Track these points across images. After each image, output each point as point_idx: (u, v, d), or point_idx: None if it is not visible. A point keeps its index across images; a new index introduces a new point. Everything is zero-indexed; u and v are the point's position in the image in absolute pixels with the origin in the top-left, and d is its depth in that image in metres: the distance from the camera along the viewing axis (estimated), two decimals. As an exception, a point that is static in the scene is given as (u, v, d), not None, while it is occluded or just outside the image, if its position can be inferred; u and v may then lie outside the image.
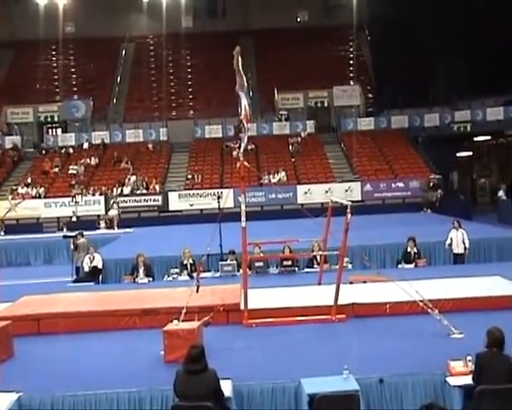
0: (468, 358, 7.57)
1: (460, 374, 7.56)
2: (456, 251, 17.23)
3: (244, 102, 11.44)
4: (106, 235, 25.37)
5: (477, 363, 7.20)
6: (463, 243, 17.13)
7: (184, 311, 9.71)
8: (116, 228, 27.99)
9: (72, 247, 18.82)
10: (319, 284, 13.24)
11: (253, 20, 46.21)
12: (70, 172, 35.50)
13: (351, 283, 12.91)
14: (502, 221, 26.88)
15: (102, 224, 28.08)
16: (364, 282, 13.07)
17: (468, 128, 37.14)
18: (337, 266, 11.67)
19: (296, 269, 16.34)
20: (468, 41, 34.22)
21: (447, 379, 7.60)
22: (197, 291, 10.76)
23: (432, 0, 36.08)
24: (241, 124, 11.62)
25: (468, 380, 7.32)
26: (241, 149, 11.67)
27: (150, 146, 38.27)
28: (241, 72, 11.48)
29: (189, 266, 16.45)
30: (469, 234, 17.51)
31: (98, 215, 31.21)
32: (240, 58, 11.40)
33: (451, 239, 17.20)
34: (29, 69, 44.07)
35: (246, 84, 11.64)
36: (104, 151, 38.10)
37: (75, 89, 44.08)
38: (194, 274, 14.42)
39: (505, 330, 7.28)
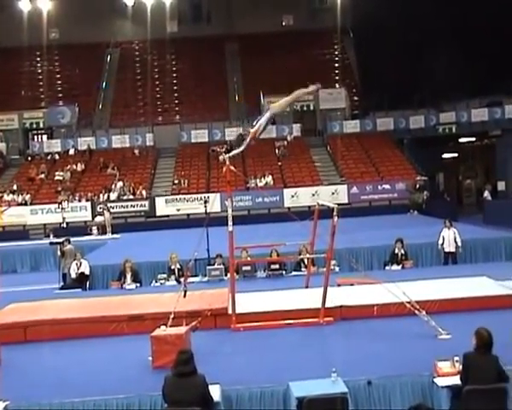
0: (456, 358, 7.60)
1: (447, 375, 7.59)
2: (447, 250, 17.42)
3: (263, 121, 11.40)
4: (93, 241, 25.29)
5: (464, 363, 7.23)
6: (455, 241, 17.32)
7: (172, 316, 9.70)
8: (110, 233, 27.86)
9: (58, 253, 18.74)
10: (306, 287, 13.25)
11: (237, 25, 46.23)
12: (56, 178, 35.37)
13: (338, 285, 12.93)
14: (487, 222, 27.04)
15: (94, 230, 28.03)
16: (352, 284, 13.10)
17: (454, 130, 37.38)
18: (324, 269, 11.69)
19: (283, 273, 16.36)
20: (452, 43, 34.42)
21: (435, 380, 7.63)
22: (184, 296, 10.75)
23: (416, 3, 36.25)
24: (245, 135, 11.61)
25: (456, 380, 7.35)
26: (230, 154, 11.63)
27: (136, 151, 38.20)
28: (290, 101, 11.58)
29: (176, 271, 16.43)
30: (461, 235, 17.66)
31: (85, 221, 31.14)
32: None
33: (443, 238, 17.34)
34: (14, 76, 43.95)
35: (283, 112, 11.77)
36: (90, 157, 37.99)
37: (60, 95, 43.96)
38: (182, 279, 14.38)
39: (492, 330, 7.31)
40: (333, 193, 31.79)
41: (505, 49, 33.12)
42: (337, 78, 43.66)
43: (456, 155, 42.34)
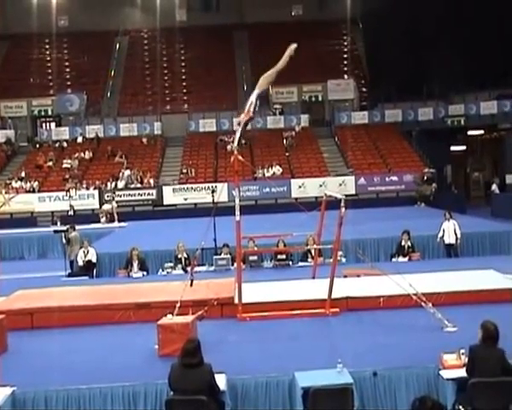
0: (462, 351, 7.59)
1: (453, 367, 7.57)
2: (447, 241, 17.42)
3: (253, 98, 11.39)
4: (100, 229, 25.34)
5: (470, 356, 7.23)
6: (455, 233, 17.31)
7: (178, 305, 9.70)
8: (116, 221, 27.95)
9: (64, 241, 18.79)
10: (313, 277, 13.25)
11: (247, 14, 46.13)
12: (64, 166, 35.45)
13: (345, 276, 12.94)
14: (495, 215, 26.98)
15: (103, 218, 28.14)
16: (358, 276, 13.09)
17: (462, 122, 37.27)
18: (331, 260, 11.68)
19: (290, 263, 16.37)
20: (462, 35, 34.26)
21: (440, 372, 7.62)
22: (191, 285, 10.76)
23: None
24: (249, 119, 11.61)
25: (461, 373, 7.34)
26: (235, 144, 11.60)
27: (144, 140, 38.21)
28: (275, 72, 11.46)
29: (183, 260, 16.46)
30: (463, 227, 17.69)
31: (93, 209, 31.20)
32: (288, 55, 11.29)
33: (443, 231, 17.36)
34: (23, 63, 43.97)
35: (269, 87, 11.59)
36: (98, 145, 38.03)
37: (69, 83, 43.93)
38: (189, 268, 14.41)
39: (498, 323, 7.30)
40: (340, 184, 31.71)
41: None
42: (346, 68, 43.47)
43: (464, 147, 42.19)
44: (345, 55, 44.64)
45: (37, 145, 38.68)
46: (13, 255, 23.29)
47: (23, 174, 34.27)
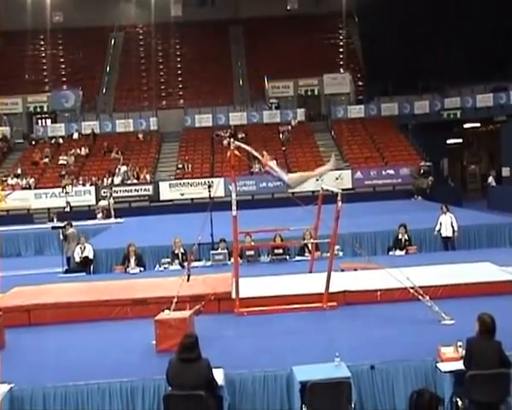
0: (459, 343, 7.60)
1: (450, 360, 7.58)
2: (444, 234, 17.45)
3: (278, 171, 11.21)
4: (97, 225, 25.32)
5: (468, 348, 7.24)
6: (452, 226, 17.34)
7: (176, 300, 9.71)
8: (113, 217, 27.93)
9: (61, 237, 18.78)
10: (310, 271, 13.24)
11: (242, 9, 46.06)
12: (60, 162, 35.42)
13: (342, 270, 12.95)
14: (491, 207, 27.03)
15: (99, 214, 28.12)
16: (355, 269, 13.10)
17: (458, 115, 37.31)
18: (328, 254, 11.68)
19: (287, 257, 16.35)
20: (457, 28, 34.25)
21: (438, 365, 7.63)
22: (188, 280, 10.77)
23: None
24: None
25: (459, 366, 7.35)
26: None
27: (140, 136, 38.19)
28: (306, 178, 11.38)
29: (180, 255, 16.43)
30: (460, 220, 17.69)
31: (89, 206, 31.18)
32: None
33: (440, 224, 17.40)
34: (17, 59, 43.84)
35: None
36: (94, 141, 37.99)
37: (64, 79, 43.89)
38: (186, 263, 14.39)
39: (495, 315, 7.32)
40: (337, 178, 31.67)
41: (511, 34, 32.94)
42: (341, 62, 43.56)
43: (460, 140, 42.23)
44: (341, 49, 44.68)
45: (33, 142, 38.59)
46: (10, 252, 23.27)
47: (19, 171, 34.22)
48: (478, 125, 39.74)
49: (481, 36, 33.72)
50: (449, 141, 40.93)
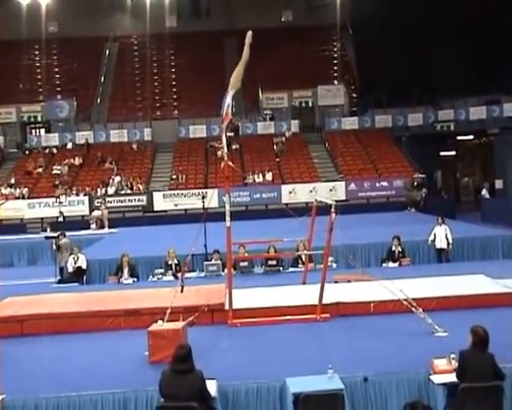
0: (452, 356, 7.61)
1: (444, 372, 7.59)
2: (439, 246, 17.50)
3: (228, 100, 11.38)
4: (90, 235, 25.28)
5: (461, 361, 7.25)
6: (446, 238, 17.37)
7: (169, 311, 9.69)
8: (107, 228, 27.89)
9: (54, 247, 18.73)
10: (304, 283, 13.26)
11: (236, 20, 46.07)
12: (54, 172, 35.36)
13: (335, 282, 12.95)
14: (485, 220, 27.12)
15: (93, 224, 28.09)
16: (349, 281, 13.11)
17: (452, 127, 37.42)
18: (322, 266, 11.68)
19: (281, 269, 16.36)
20: (451, 41, 34.44)
21: (431, 377, 7.64)
22: (182, 291, 10.74)
23: (416, 0, 36.25)
24: (234, 124, 11.58)
25: (452, 378, 7.35)
26: (225, 149, 11.55)
27: (134, 146, 38.18)
28: (242, 68, 11.44)
29: (173, 266, 16.41)
30: (453, 232, 17.72)
31: (83, 216, 31.13)
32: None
33: (435, 235, 17.47)
34: (12, 69, 43.77)
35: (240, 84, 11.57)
36: (88, 151, 37.95)
37: (58, 89, 43.85)
38: (179, 274, 14.38)
39: (488, 328, 7.32)
40: (331, 190, 31.79)
41: (504, 47, 33.12)
42: (336, 74, 43.68)
43: (454, 152, 42.32)
44: (335, 61, 44.82)
45: (27, 151, 38.54)
46: (2, 262, 23.07)
47: (12, 181, 34.15)
48: (471, 137, 39.88)
49: (475, 48, 33.91)
50: (442, 153, 41.04)
